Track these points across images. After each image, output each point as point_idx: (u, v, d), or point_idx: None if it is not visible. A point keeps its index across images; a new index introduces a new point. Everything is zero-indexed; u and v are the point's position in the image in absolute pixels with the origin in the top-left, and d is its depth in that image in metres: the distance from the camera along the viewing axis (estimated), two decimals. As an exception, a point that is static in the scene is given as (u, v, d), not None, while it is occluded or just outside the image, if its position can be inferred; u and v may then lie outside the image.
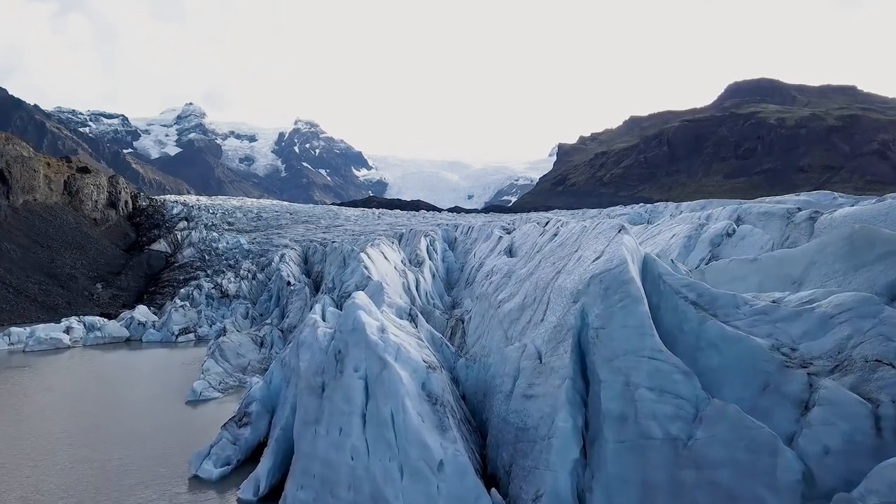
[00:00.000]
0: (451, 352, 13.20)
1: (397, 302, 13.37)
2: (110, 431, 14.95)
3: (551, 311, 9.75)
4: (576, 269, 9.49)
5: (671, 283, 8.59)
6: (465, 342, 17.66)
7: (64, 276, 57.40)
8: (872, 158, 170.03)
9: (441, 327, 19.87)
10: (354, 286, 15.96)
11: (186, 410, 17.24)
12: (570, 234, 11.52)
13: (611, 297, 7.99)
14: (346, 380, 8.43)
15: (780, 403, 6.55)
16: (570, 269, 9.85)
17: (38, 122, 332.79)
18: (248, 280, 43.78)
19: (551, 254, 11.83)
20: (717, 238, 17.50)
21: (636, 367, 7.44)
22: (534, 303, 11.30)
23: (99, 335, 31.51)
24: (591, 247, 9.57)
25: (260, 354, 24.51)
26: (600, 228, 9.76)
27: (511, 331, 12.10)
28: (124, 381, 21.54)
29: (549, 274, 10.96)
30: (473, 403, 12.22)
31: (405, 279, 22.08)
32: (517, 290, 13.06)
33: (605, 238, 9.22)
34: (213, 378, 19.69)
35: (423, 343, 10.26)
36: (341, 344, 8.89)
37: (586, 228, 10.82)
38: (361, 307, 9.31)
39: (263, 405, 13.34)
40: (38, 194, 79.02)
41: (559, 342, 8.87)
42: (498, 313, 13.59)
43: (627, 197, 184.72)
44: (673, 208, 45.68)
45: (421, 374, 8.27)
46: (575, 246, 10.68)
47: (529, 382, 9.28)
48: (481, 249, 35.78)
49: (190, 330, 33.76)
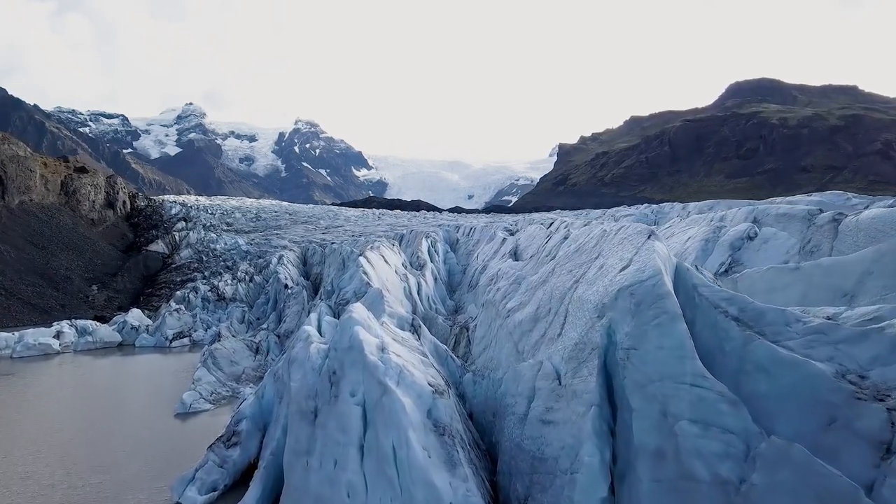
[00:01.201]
0: (457, 365, 12.21)
1: (398, 311, 12.38)
2: (90, 450, 13.94)
3: (571, 326, 8.75)
4: (598, 280, 8.49)
5: (709, 295, 7.59)
6: (470, 351, 16.68)
7: (59, 277, 56.41)
8: (875, 158, 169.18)
9: (444, 335, 18.89)
10: (353, 293, 15.01)
11: (174, 425, 16.23)
12: (588, 238, 10.52)
13: (643, 314, 6.99)
14: (342, 405, 7.43)
15: (853, 443, 5.55)
16: (592, 278, 8.86)
17: (38, 122, 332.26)
18: (245, 282, 42.79)
19: (567, 260, 10.83)
20: (738, 241, 16.47)
21: (675, 395, 6.45)
22: (548, 314, 10.31)
23: (90, 340, 30.50)
24: (615, 254, 8.57)
25: (255, 361, 23.51)
26: (625, 233, 8.76)
27: (522, 344, 11.11)
28: (111, 391, 20.53)
29: (566, 283, 9.97)
30: (482, 423, 11.23)
31: (406, 283, 21.09)
32: (528, 298, 12.08)
33: (631, 244, 8.22)
34: (205, 388, 18.69)
35: (427, 360, 9.26)
36: (336, 364, 7.89)
37: (607, 233, 9.83)
38: (359, 322, 8.31)
39: (254, 422, 12.34)
40: (34, 194, 78.00)
41: (582, 362, 7.87)
42: (507, 323, 12.60)
43: (629, 197, 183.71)
44: (680, 209, 44.66)
45: (426, 401, 7.28)
46: (595, 252, 9.68)
47: (547, 406, 8.30)
48: (484, 251, 34.78)
49: (184, 334, 32.76)
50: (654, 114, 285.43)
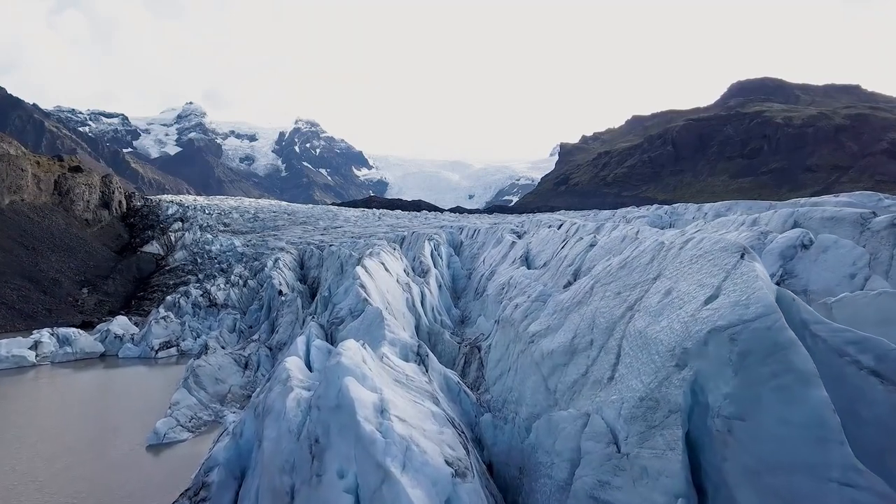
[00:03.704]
0: (472, 402, 10.14)
1: (401, 336, 10.30)
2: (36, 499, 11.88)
3: (629, 370, 6.69)
4: (668, 311, 6.42)
5: (828, 337, 5.53)
6: (483, 376, 14.61)
7: (47, 280, 54.35)
8: (882, 158, 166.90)
9: (452, 353, 16.85)
10: (348, 310, 12.99)
11: (144, 460, 14.16)
12: (638, 252, 8.44)
13: (755, 370, 4.93)
14: (326, 491, 5.37)
15: None
16: (655, 307, 6.79)
17: (37, 122, 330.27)
18: (238, 287, 40.72)
19: (610, 278, 8.76)
20: (789, 250, 14.34)
21: (815, 495, 4.40)
22: (590, 347, 8.25)
23: (69, 351, 28.41)
24: (689, 276, 6.50)
25: (243, 378, 21.47)
26: (699, 248, 6.69)
27: (554, 380, 9.06)
28: (80, 414, 18.45)
29: (615, 309, 7.91)
30: (504, 478, 9.18)
31: (409, 294, 19.03)
32: (558, 322, 10.02)
33: (715, 265, 6.15)
34: (183, 413, 16.62)
35: (440, 411, 7.17)
36: (320, 428, 5.83)
37: (666, 246, 7.75)
38: (350, 369, 6.24)
39: (228, 470, 10.21)
40: (25, 194, 75.95)
41: (653, 427, 5.81)
42: (531, 351, 10.54)
43: (631, 197, 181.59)
44: (695, 210, 42.52)
45: (444, 488, 5.20)
46: (652, 271, 7.62)
47: (601, 479, 6.24)
48: (491, 255, 32.70)
49: (172, 343, 30.69)
50: (656, 113, 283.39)
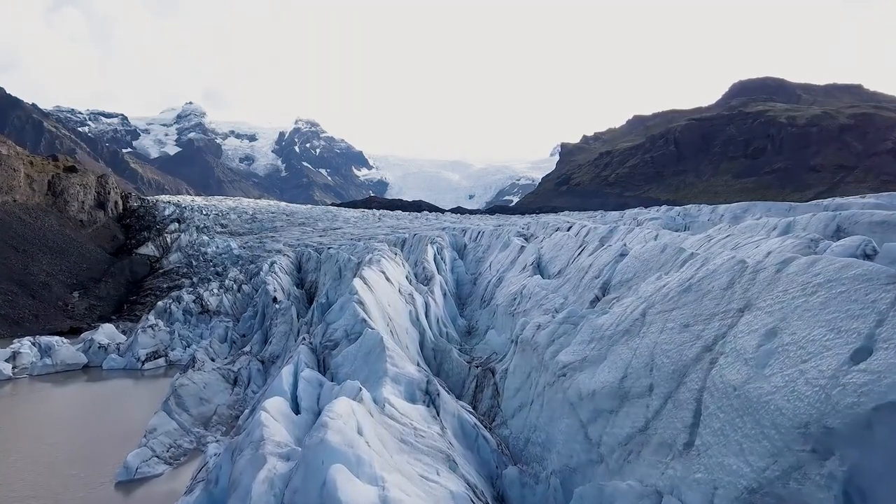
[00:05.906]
0: (492, 448, 8.39)
1: (406, 371, 8.54)
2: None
3: (719, 438, 4.92)
4: (780, 362, 4.65)
5: None
6: (498, 405, 12.82)
7: (36, 284, 52.60)
8: (887, 157, 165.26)
9: (461, 375, 15.08)
10: (344, 332, 11.22)
11: (110, 501, 12.39)
12: (710, 273, 6.66)
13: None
14: None
15: None
16: (754, 353, 5.02)
17: (36, 122, 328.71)
18: (232, 292, 38.98)
19: (671, 304, 6.98)
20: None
21: None
22: (649, 394, 6.49)
23: (49, 363, 26.65)
24: (807, 313, 4.73)
25: (231, 396, 19.72)
26: (819, 272, 4.92)
27: (598, 430, 7.28)
28: (48, 439, 16.66)
29: (684, 347, 6.14)
30: (536, 550, 7.45)
31: (413, 306, 17.29)
32: (600, 354, 8.25)
33: (855, 302, 4.39)
34: (160, 442, 14.85)
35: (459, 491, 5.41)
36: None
37: (750, 267, 5.97)
38: (339, 452, 4.45)
39: (199, 530, 8.47)
40: (17, 194, 74.28)
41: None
42: (565, 387, 8.77)
43: (634, 197, 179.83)
44: (709, 212, 40.66)
45: None
46: (735, 299, 5.84)
47: None
48: (498, 260, 30.88)
49: (160, 354, 28.94)
50: (658, 113, 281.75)
